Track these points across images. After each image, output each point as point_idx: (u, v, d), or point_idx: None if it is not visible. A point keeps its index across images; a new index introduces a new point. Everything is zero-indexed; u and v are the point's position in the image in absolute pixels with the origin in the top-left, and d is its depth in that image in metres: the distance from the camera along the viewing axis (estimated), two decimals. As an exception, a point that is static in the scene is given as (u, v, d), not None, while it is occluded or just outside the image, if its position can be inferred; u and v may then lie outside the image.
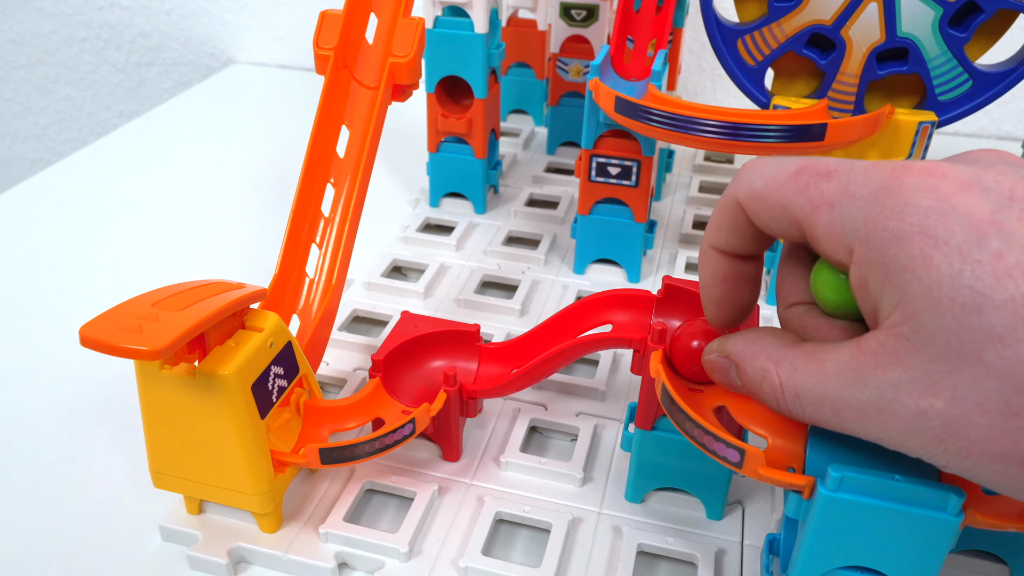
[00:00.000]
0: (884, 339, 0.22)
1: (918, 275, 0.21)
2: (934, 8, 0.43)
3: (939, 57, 0.44)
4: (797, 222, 0.24)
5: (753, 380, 0.26)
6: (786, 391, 0.24)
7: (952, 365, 0.20)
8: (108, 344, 0.27)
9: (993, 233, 0.20)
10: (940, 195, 0.21)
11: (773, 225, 0.25)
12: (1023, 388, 0.20)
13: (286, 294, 0.39)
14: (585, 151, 0.49)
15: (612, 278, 0.53)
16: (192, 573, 0.34)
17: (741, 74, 0.47)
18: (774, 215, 0.25)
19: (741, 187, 0.26)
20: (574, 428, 0.41)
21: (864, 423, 0.23)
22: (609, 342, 0.36)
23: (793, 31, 0.45)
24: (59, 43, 1.01)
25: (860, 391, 0.22)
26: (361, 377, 0.44)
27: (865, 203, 0.22)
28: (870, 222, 0.22)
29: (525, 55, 0.72)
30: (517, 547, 0.36)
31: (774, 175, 0.25)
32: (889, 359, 0.22)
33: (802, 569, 0.27)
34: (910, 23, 0.43)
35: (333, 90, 0.40)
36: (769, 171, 0.25)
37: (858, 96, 0.45)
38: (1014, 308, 0.19)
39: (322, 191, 0.40)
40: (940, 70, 0.44)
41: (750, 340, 0.26)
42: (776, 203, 0.24)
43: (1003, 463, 0.21)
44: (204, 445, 0.32)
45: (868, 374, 0.22)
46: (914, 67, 0.44)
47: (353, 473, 0.38)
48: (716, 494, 0.36)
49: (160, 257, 0.57)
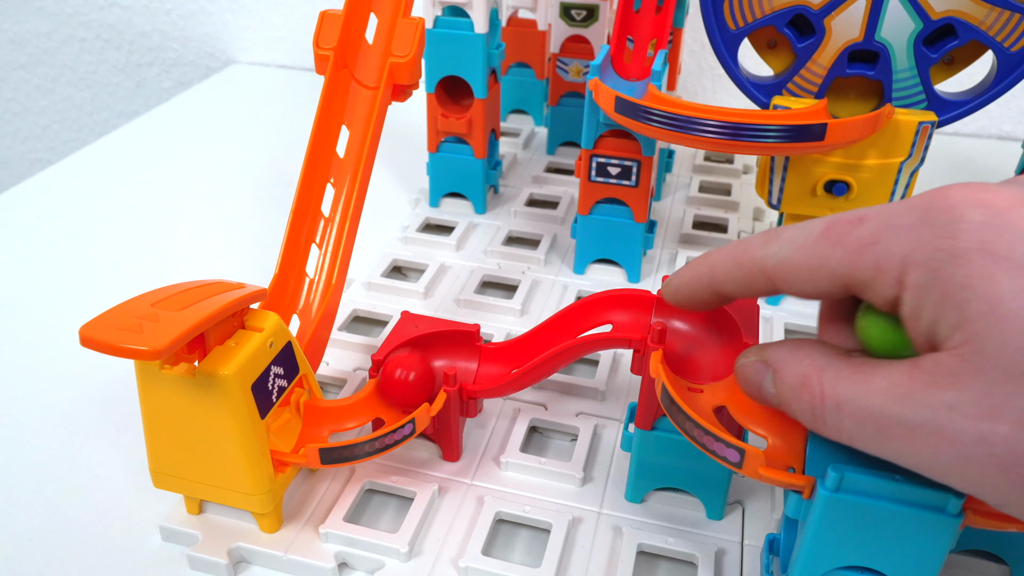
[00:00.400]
0: (943, 359, 0.20)
1: (979, 293, 0.20)
2: (916, 22, 0.43)
3: (905, 71, 0.44)
4: (837, 276, 0.23)
5: (791, 386, 0.24)
6: (827, 401, 0.23)
7: (1018, 386, 0.19)
8: (108, 344, 0.27)
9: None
10: (994, 210, 0.20)
11: (808, 288, 0.24)
12: None
13: (286, 294, 0.39)
14: (585, 151, 0.49)
15: (612, 278, 0.53)
16: (192, 573, 0.34)
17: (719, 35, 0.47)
18: (809, 278, 0.24)
19: (770, 258, 0.25)
20: (574, 428, 0.41)
21: (912, 446, 0.21)
22: (609, 342, 0.36)
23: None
24: (59, 43, 1.01)
25: (911, 410, 0.21)
26: (361, 377, 0.44)
27: (912, 229, 0.21)
28: (921, 245, 0.21)
29: (525, 55, 0.72)
30: (517, 547, 0.36)
31: (802, 240, 0.24)
32: (947, 379, 0.20)
33: (802, 569, 0.27)
34: (889, 30, 0.43)
35: (333, 90, 0.40)
36: (798, 238, 0.24)
37: (820, 89, 0.46)
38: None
39: (322, 191, 0.40)
40: (902, 83, 0.44)
41: (793, 347, 0.25)
42: (811, 265, 0.23)
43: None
44: (204, 445, 0.32)
45: (921, 393, 0.21)
46: (880, 74, 0.45)
47: (353, 473, 0.38)
48: (716, 494, 0.36)
49: (160, 257, 0.57)
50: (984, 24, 0.43)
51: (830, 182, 0.45)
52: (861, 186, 0.45)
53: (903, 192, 0.45)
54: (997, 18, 0.42)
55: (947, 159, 0.71)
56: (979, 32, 0.43)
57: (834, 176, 0.45)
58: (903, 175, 0.44)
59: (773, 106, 0.45)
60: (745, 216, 0.61)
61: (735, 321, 0.33)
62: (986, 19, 0.42)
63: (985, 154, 0.74)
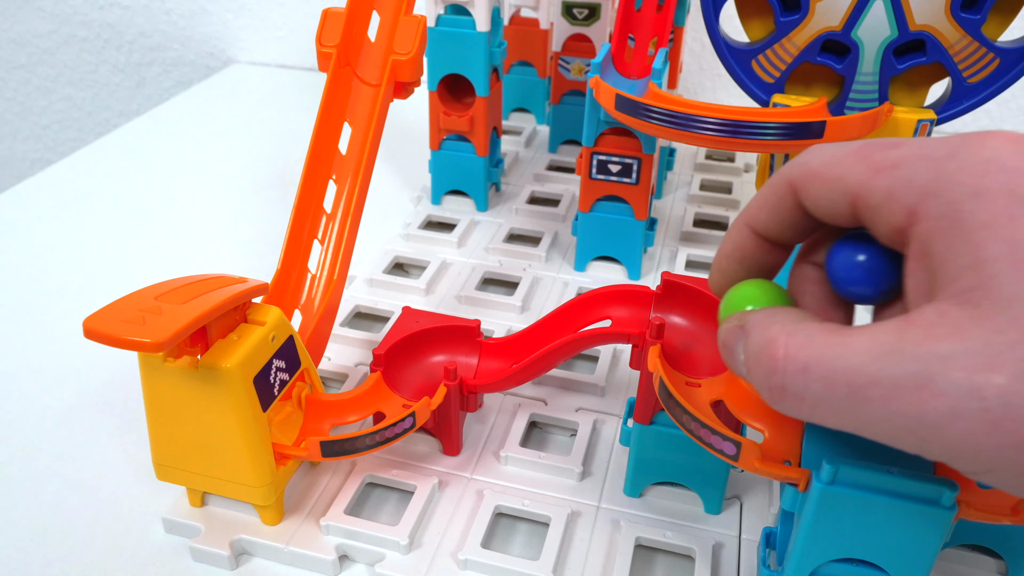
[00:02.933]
0: (945, 308, 0.19)
1: (1000, 234, 0.18)
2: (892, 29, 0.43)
3: (959, 42, 0.43)
4: (850, 192, 0.22)
5: (755, 351, 0.22)
6: (789, 364, 0.21)
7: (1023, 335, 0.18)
8: (111, 336, 0.27)
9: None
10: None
11: (824, 202, 0.23)
12: None
13: (288, 289, 0.39)
14: (586, 149, 0.49)
15: (613, 275, 0.54)
16: (195, 565, 0.34)
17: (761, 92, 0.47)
18: (827, 188, 0.22)
19: (796, 166, 0.24)
20: (574, 423, 0.41)
21: (889, 406, 0.19)
22: (608, 337, 0.36)
23: (805, 42, 0.45)
24: (59, 43, 1.01)
25: (896, 364, 0.19)
26: (362, 372, 0.44)
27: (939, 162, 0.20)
28: (943, 177, 0.20)
29: (527, 54, 0.72)
30: (516, 540, 0.36)
31: (834, 153, 0.23)
32: (946, 329, 0.19)
33: (798, 562, 0.28)
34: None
35: (335, 87, 0.41)
36: (829, 151, 0.23)
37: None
38: None
39: (324, 187, 0.41)
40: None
41: (771, 311, 0.23)
42: (832, 176, 0.22)
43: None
44: (207, 438, 0.32)
45: (912, 346, 0.19)
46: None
47: (354, 467, 0.38)
48: (714, 488, 0.36)
49: (160, 256, 0.57)
50: (953, 48, 0.43)
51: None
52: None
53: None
54: (966, 47, 0.43)
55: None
56: (945, 55, 0.43)
57: (833, 174, 0.45)
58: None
59: (773, 104, 0.46)
60: (745, 214, 0.61)
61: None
62: (956, 44, 0.43)
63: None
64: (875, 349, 0.19)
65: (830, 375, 0.20)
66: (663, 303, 0.37)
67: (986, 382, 0.18)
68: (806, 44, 0.45)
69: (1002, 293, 0.18)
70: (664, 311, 0.36)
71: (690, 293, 0.36)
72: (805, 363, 0.21)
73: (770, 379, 0.21)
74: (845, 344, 0.20)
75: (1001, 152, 0.19)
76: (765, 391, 0.22)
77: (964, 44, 0.43)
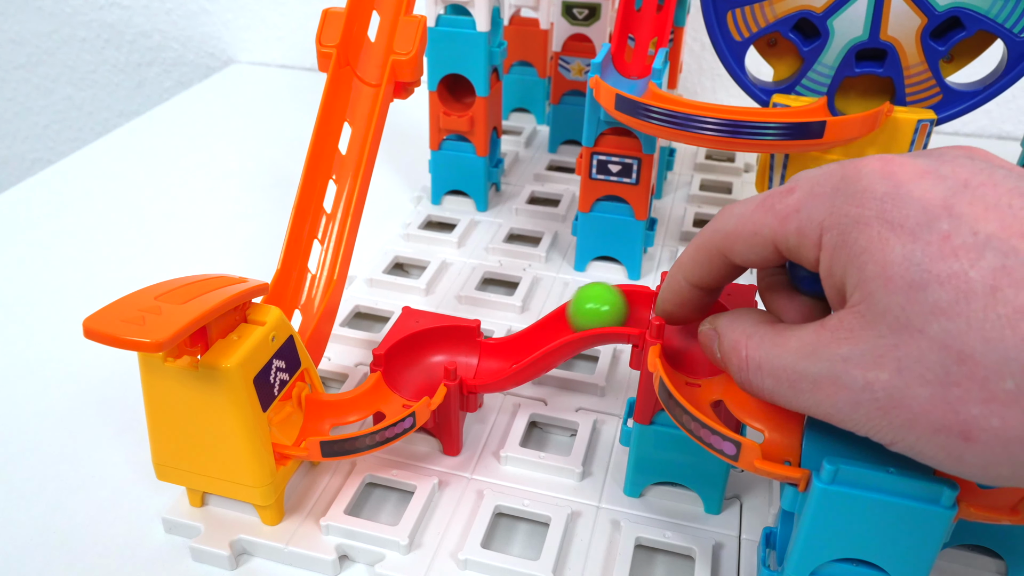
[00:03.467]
0: (844, 316, 0.23)
1: (874, 256, 0.22)
2: (921, 16, 0.43)
3: (916, 65, 0.44)
4: (769, 241, 0.26)
5: (726, 351, 0.27)
6: (750, 362, 0.26)
7: (898, 339, 0.22)
8: (111, 336, 0.27)
9: (944, 216, 0.21)
10: (896, 182, 0.22)
11: (751, 255, 0.27)
12: (962, 359, 0.21)
13: (288, 289, 0.39)
14: (586, 149, 0.49)
15: (613, 275, 0.54)
16: (194, 565, 0.34)
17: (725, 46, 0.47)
18: (748, 244, 0.26)
19: (716, 234, 0.28)
20: (573, 423, 0.41)
21: (816, 395, 0.24)
22: (607, 337, 0.36)
23: (783, 12, 0.45)
24: (59, 43, 1.01)
25: (814, 364, 0.24)
26: (362, 372, 0.44)
27: (827, 197, 0.24)
28: (833, 211, 0.23)
29: (527, 54, 0.72)
30: (516, 540, 0.36)
31: (743, 211, 0.27)
32: (844, 334, 0.23)
33: (797, 562, 0.28)
34: (895, 27, 0.43)
35: (335, 87, 0.41)
36: (738, 211, 0.27)
37: (830, 90, 0.46)
38: (957, 284, 0.21)
39: (324, 187, 0.41)
40: (914, 79, 0.45)
41: (733, 316, 0.28)
42: (748, 232, 0.26)
43: (944, 435, 0.21)
44: (207, 437, 0.32)
45: (823, 348, 0.23)
46: (889, 71, 0.45)
47: (354, 467, 0.38)
48: (714, 489, 0.36)
49: (160, 257, 0.57)
50: (908, 71, 0.43)
51: (829, 180, 0.45)
52: (860, 184, 0.45)
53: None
54: (919, 72, 0.43)
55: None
56: (986, 21, 0.43)
57: (833, 174, 0.45)
58: (902, 173, 0.45)
59: (773, 104, 0.46)
60: (745, 214, 0.61)
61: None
62: (913, 67, 0.43)
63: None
64: (801, 350, 0.24)
65: (775, 371, 0.25)
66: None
67: (875, 378, 0.22)
68: (784, 14, 0.45)
69: (878, 305, 0.22)
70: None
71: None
72: (759, 362, 0.26)
73: (740, 374, 0.27)
74: (782, 345, 0.25)
75: (872, 181, 0.23)
76: (738, 382, 0.27)
77: (919, 70, 0.44)
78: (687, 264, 0.30)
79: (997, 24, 0.43)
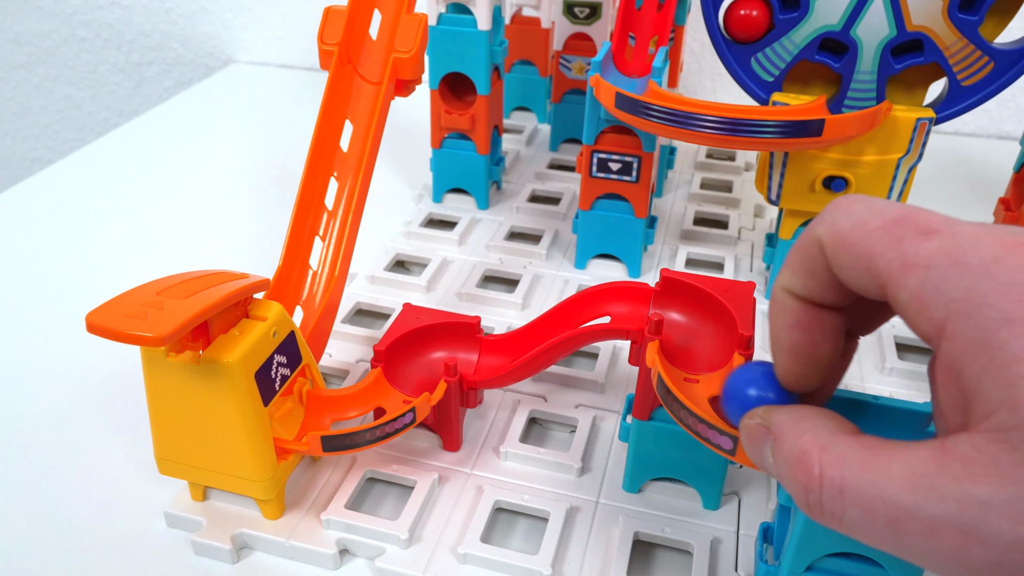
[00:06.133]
0: (982, 444, 0.18)
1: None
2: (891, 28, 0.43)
3: (955, 43, 0.43)
4: (881, 279, 0.20)
5: (787, 460, 0.21)
6: (826, 484, 0.20)
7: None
8: (114, 330, 0.27)
9: None
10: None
11: (852, 276, 0.21)
12: None
13: (290, 286, 0.40)
14: (586, 147, 0.49)
15: (613, 273, 0.54)
16: (196, 559, 0.35)
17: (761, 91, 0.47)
18: (856, 265, 0.21)
19: (825, 224, 0.22)
20: (573, 419, 0.41)
21: (932, 544, 0.18)
22: (607, 333, 0.36)
23: (804, 40, 0.45)
24: (59, 43, 1.01)
25: (934, 503, 0.18)
26: (363, 368, 0.45)
27: (972, 273, 0.18)
28: (975, 296, 0.18)
29: (528, 52, 0.72)
30: (516, 535, 0.37)
31: (865, 219, 0.21)
32: (984, 469, 0.17)
33: (794, 556, 0.28)
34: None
35: (337, 85, 0.41)
36: (860, 213, 0.21)
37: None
38: None
39: (326, 185, 0.41)
40: (958, 56, 0.43)
41: (798, 415, 0.22)
42: (861, 251, 0.21)
43: None
44: (208, 432, 0.33)
45: (950, 484, 0.18)
46: (931, 57, 0.44)
47: (355, 462, 0.38)
48: (712, 484, 0.36)
49: (160, 256, 0.57)
50: (949, 51, 0.43)
51: (829, 178, 0.46)
52: (859, 182, 0.45)
53: (901, 188, 0.46)
54: (961, 48, 0.43)
55: (946, 158, 0.72)
56: (941, 56, 0.43)
57: (833, 172, 0.45)
58: (901, 171, 0.45)
59: (772, 102, 0.46)
60: (746, 213, 0.61)
61: (731, 313, 0.33)
62: (952, 46, 0.43)
63: (985, 153, 0.74)
64: (912, 481, 0.18)
65: (867, 502, 0.19)
66: (662, 300, 0.37)
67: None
68: (805, 42, 0.45)
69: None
70: (663, 307, 0.37)
71: (689, 290, 0.36)
72: (841, 485, 0.19)
73: (807, 496, 0.20)
74: (881, 469, 0.19)
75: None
76: (803, 506, 0.21)
77: (960, 46, 0.43)
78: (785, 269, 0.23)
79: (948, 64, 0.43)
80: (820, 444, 0.20)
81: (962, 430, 0.18)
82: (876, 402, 0.26)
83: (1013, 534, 0.17)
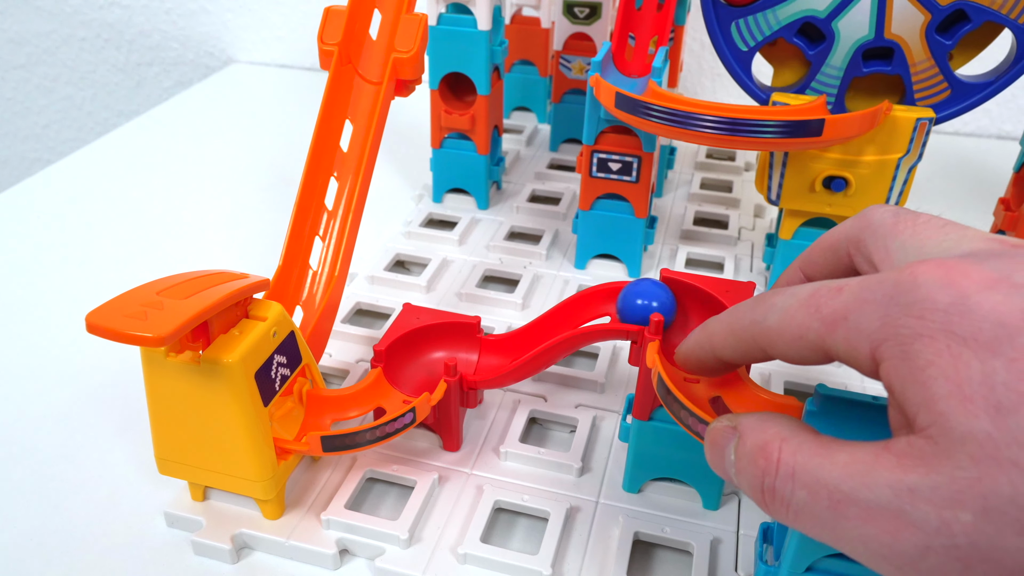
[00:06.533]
0: (913, 440, 0.19)
1: (945, 372, 0.19)
2: (925, 12, 0.43)
3: (923, 62, 0.44)
4: (816, 347, 0.23)
5: (749, 452, 0.23)
6: (781, 467, 0.22)
7: (983, 472, 0.18)
8: (113, 330, 0.27)
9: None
10: (961, 291, 0.19)
11: (793, 355, 0.24)
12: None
13: (290, 286, 0.40)
14: (586, 147, 0.49)
15: (613, 273, 0.54)
16: (196, 559, 0.35)
17: (732, 57, 0.47)
18: (792, 347, 0.23)
19: (757, 326, 0.25)
20: (573, 419, 0.41)
21: (867, 528, 0.20)
22: (607, 333, 0.36)
23: (786, 16, 0.45)
24: (59, 43, 1.01)
25: (870, 488, 0.20)
26: (363, 369, 0.45)
27: (880, 305, 0.21)
28: (888, 323, 0.20)
29: (528, 52, 0.72)
30: (516, 535, 0.37)
31: (786, 307, 0.24)
32: (913, 461, 0.19)
33: (794, 556, 0.28)
34: (899, 25, 0.43)
35: (337, 85, 0.41)
36: (781, 303, 0.24)
37: (839, 91, 0.46)
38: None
39: (325, 184, 0.41)
40: (921, 75, 0.45)
41: (765, 417, 0.24)
42: (792, 335, 0.23)
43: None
44: (208, 432, 0.33)
45: (884, 471, 0.19)
46: (897, 68, 0.45)
47: (355, 462, 0.38)
48: (712, 484, 0.36)
49: (160, 256, 0.57)
50: (915, 67, 0.43)
51: (828, 178, 0.46)
52: (859, 182, 0.45)
53: (901, 188, 0.46)
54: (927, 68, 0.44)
55: (946, 158, 0.72)
56: (907, 70, 0.43)
57: (833, 172, 0.45)
58: (901, 171, 0.45)
59: (772, 102, 0.46)
60: (746, 213, 0.61)
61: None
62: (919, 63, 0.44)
63: (984, 153, 0.74)
64: (852, 467, 0.20)
65: (813, 484, 0.21)
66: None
67: (953, 518, 0.18)
68: (788, 20, 0.45)
69: (954, 430, 0.18)
70: (663, 308, 0.37)
71: (688, 289, 0.36)
72: (794, 468, 0.21)
73: (762, 480, 0.22)
74: (829, 456, 0.21)
75: (932, 291, 0.20)
76: (756, 493, 0.23)
77: (926, 66, 0.44)
78: (718, 343, 0.27)
79: (1002, 15, 0.43)
80: (781, 436, 0.23)
81: None
82: (876, 402, 0.26)
83: (939, 518, 0.18)
